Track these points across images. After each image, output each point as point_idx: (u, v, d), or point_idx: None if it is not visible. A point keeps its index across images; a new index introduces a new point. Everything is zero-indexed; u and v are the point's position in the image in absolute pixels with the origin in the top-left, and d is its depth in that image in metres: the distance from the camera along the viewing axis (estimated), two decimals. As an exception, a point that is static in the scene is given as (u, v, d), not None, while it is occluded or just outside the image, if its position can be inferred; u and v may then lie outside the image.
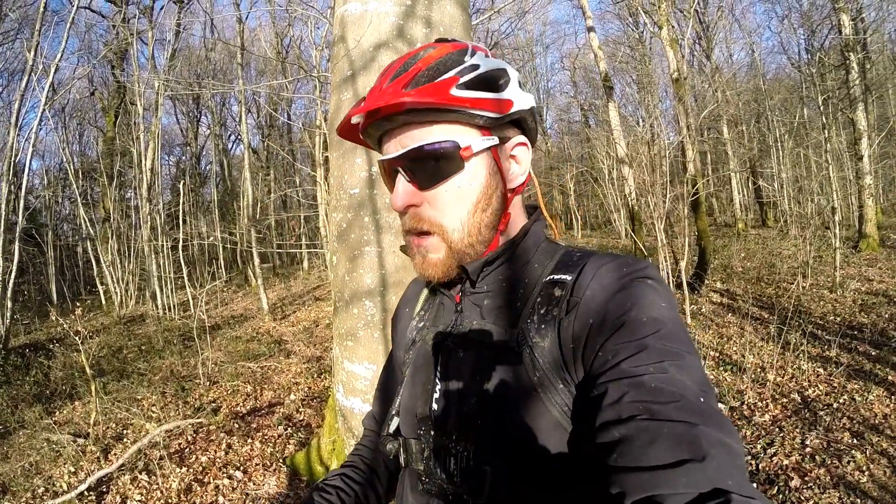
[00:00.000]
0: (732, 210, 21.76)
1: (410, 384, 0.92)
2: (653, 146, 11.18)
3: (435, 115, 0.78)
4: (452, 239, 0.82)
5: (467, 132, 0.80)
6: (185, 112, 27.28)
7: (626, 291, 0.71)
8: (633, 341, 0.65)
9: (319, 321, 12.20)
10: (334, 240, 3.29)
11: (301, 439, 5.56)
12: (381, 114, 0.78)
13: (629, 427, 0.58)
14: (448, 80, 0.77)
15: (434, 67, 0.78)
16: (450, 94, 0.76)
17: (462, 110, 0.77)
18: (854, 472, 4.07)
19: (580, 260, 0.80)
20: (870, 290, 8.97)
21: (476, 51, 0.83)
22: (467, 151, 0.79)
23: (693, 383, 0.61)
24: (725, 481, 0.51)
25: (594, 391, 0.65)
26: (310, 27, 12.65)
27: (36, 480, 5.11)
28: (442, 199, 0.81)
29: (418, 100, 0.75)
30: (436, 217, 0.81)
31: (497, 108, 0.80)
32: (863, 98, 13.17)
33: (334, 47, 3.33)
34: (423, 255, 0.84)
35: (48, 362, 9.47)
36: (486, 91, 0.79)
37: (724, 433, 0.57)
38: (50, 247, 20.22)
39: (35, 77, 12.64)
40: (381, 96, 0.76)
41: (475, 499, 0.75)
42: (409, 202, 0.81)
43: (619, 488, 0.56)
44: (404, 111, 0.77)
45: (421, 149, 0.78)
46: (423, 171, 0.80)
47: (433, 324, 0.94)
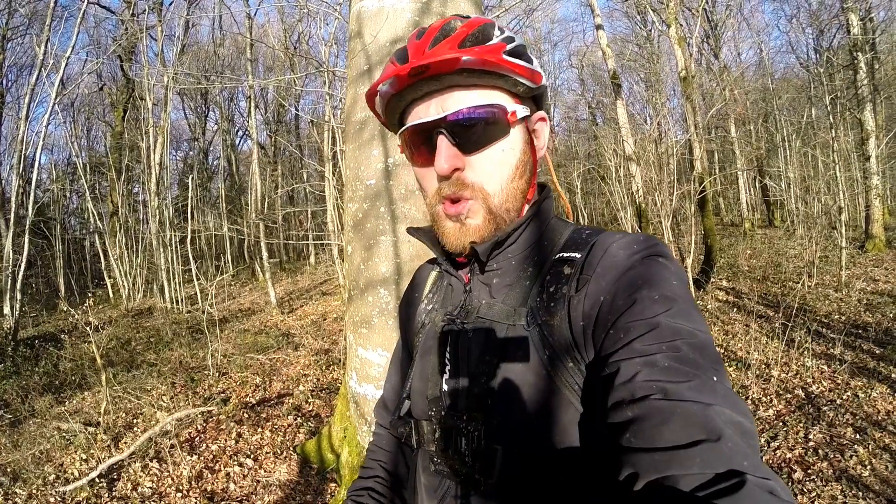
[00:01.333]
0: (739, 209, 21.72)
1: (420, 366, 0.92)
2: (660, 144, 11.22)
3: (481, 78, 0.77)
4: (493, 203, 0.80)
5: (507, 99, 0.80)
6: (193, 107, 27.40)
7: (638, 269, 0.70)
8: (646, 319, 0.64)
9: (327, 315, 12.27)
10: (350, 230, 3.35)
11: (311, 428, 5.63)
12: (429, 72, 0.75)
13: (642, 407, 0.58)
14: (498, 44, 0.77)
15: (479, 32, 0.78)
16: (503, 57, 0.76)
17: (510, 75, 0.77)
18: (856, 467, 4.11)
19: (590, 237, 0.80)
20: (875, 290, 8.98)
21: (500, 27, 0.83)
22: (513, 117, 0.79)
23: (706, 362, 0.61)
24: (741, 462, 0.51)
25: (606, 370, 0.65)
26: (319, 22, 12.69)
27: (47, 468, 5.18)
28: (486, 162, 0.80)
29: (477, 57, 0.74)
30: (479, 181, 0.80)
31: (535, 79, 0.81)
32: (871, 98, 13.14)
33: (350, 42, 3.39)
34: (462, 220, 0.81)
35: (58, 353, 9.57)
36: (526, 61, 0.80)
37: (738, 413, 0.56)
38: (58, 240, 20.32)
39: (45, 72, 12.74)
40: (432, 54, 0.75)
41: (486, 478, 0.75)
42: (455, 165, 0.79)
43: (632, 468, 0.56)
44: (456, 70, 0.75)
45: (471, 110, 0.77)
46: (469, 135, 0.78)
47: (442, 306, 0.94)
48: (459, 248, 0.83)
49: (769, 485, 0.49)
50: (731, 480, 0.49)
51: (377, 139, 3.15)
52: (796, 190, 15.38)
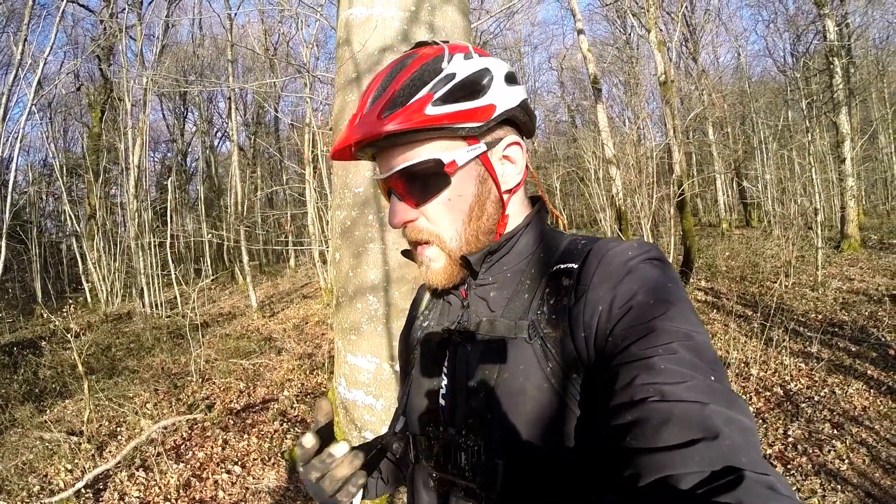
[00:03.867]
0: (717, 210, 22.02)
1: (417, 382, 0.92)
2: (640, 147, 11.34)
3: (416, 136, 0.78)
4: (451, 248, 0.82)
5: (452, 146, 0.80)
6: (172, 109, 27.05)
7: (633, 275, 0.71)
8: (642, 324, 0.65)
9: (309, 318, 12.22)
10: (338, 237, 3.37)
11: (297, 434, 5.62)
12: (363, 143, 0.79)
13: (641, 409, 0.58)
14: (422, 99, 0.76)
15: (408, 86, 0.77)
16: (425, 114, 0.75)
17: (442, 127, 0.76)
18: (835, 461, 4.23)
19: (585, 247, 0.79)
20: (851, 289, 9.16)
21: (454, 53, 0.81)
22: (452, 167, 0.78)
23: (703, 362, 0.61)
24: (739, 458, 0.52)
25: (605, 375, 0.66)
26: (299, 24, 12.64)
27: (31, 479, 5.09)
28: (435, 212, 0.81)
29: (395, 128, 0.75)
30: (433, 229, 0.82)
31: (479, 117, 0.78)
32: (846, 102, 13.40)
33: (339, 49, 3.41)
34: (427, 265, 0.85)
35: (37, 360, 9.42)
36: (466, 100, 0.78)
37: (736, 410, 0.57)
38: (34, 244, 19.93)
39: (23, 72, 12.54)
40: (361, 126, 0.78)
41: (488, 493, 0.75)
42: (405, 219, 0.82)
43: (633, 470, 0.57)
44: (384, 138, 0.77)
45: (406, 170, 0.79)
46: (413, 189, 0.80)
47: (438, 322, 0.94)
48: (432, 287, 0.87)
49: (768, 480, 0.50)
50: (730, 477, 0.50)
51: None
52: (773, 191, 15.65)
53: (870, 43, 19.74)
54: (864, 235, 13.86)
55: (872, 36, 19.87)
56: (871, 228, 16.01)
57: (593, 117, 14.35)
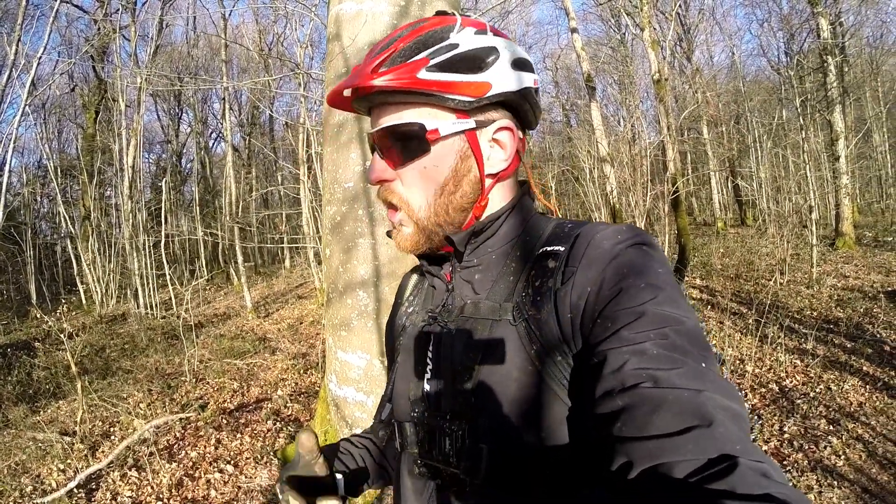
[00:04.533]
0: (712, 209, 22.05)
1: (402, 368, 0.90)
2: (634, 146, 11.35)
3: (405, 97, 0.77)
4: (419, 217, 0.82)
5: (439, 115, 0.78)
6: (167, 109, 26.98)
7: (623, 258, 0.69)
8: (633, 308, 0.63)
9: (303, 318, 12.20)
10: (328, 232, 3.35)
11: (290, 433, 5.59)
12: (357, 94, 0.79)
13: (632, 395, 0.57)
14: (418, 61, 0.75)
15: (411, 47, 0.77)
16: (416, 77, 0.75)
17: (430, 93, 0.76)
18: (831, 457, 4.23)
19: (573, 230, 0.77)
20: (845, 286, 9.18)
21: (466, 26, 0.80)
22: (434, 135, 0.77)
23: (694, 348, 0.60)
24: (733, 446, 0.51)
25: (594, 359, 0.64)
26: (294, 24, 12.63)
27: (24, 479, 5.08)
28: (409, 178, 0.81)
29: (385, 84, 0.75)
30: (404, 194, 0.82)
31: (471, 92, 0.77)
32: (840, 100, 13.44)
33: (329, 45, 3.39)
34: (398, 228, 0.85)
35: (31, 361, 9.38)
36: (462, 72, 0.76)
37: (729, 398, 0.56)
38: (29, 245, 19.87)
39: (16, 72, 12.49)
40: (354, 77, 0.78)
41: (473, 478, 0.73)
42: (381, 177, 0.83)
43: (625, 458, 0.55)
44: (375, 93, 0.78)
45: (389, 129, 0.79)
46: (393, 150, 0.80)
47: (423, 307, 0.93)
48: (402, 251, 0.87)
49: (762, 467, 0.49)
50: (725, 464, 0.49)
51: (355, 141, 3.15)
52: (768, 189, 15.69)
53: (863, 41, 19.80)
54: (859, 233, 13.90)
55: (866, 34, 19.97)
56: (866, 226, 16.07)
57: (588, 116, 14.34)
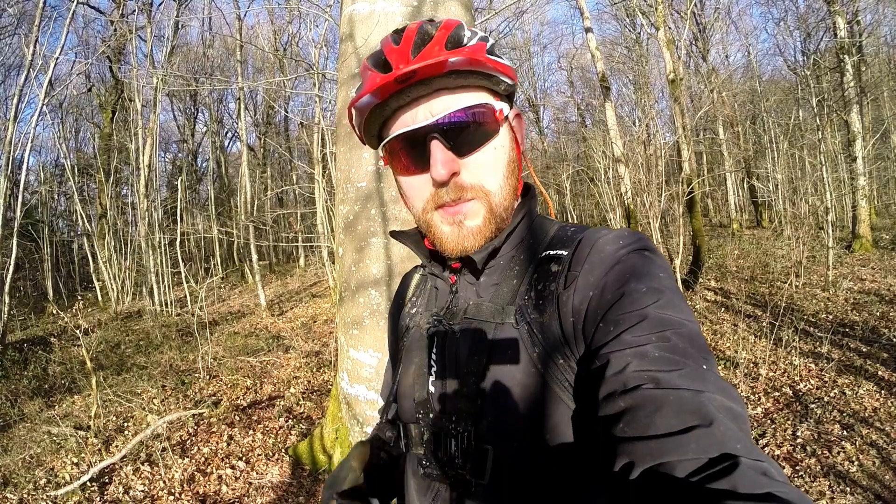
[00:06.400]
0: (727, 210, 21.89)
1: (406, 369, 0.91)
2: (649, 146, 11.28)
3: (468, 79, 0.75)
4: (494, 201, 0.79)
5: (492, 98, 0.79)
6: (183, 109, 27.23)
7: (625, 263, 0.70)
8: (635, 311, 0.64)
9: (317, 317, 12.25)
10: (341, 231, 3.37)
11: (302, 430, 5.62)
12: (416, 77, 0.72)
13: (635, 397, 0.58)
14: (479, 44, 0.76)
15: (455, 35, 0.76)
16: (487, 56, 0.75)
17: (495, 74, 0.77)
18: (844, 463, 4.17)
19: (575, 234, 0.79)
20: (862, 290, 9.07)
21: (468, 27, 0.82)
22: (500, 115, 0.78)
23: (695, 351, 0.61)
24: (734, 445, 0.51)
25: (597, 362, 0.65)
26: (309, 24, 12.69)
27: (38, 472, 5.16)
28: (481, 163, 0.78)
29: (466, 57, 0.72)
30: (477, 181, 0.78)
31: (512, 76, 0.80)
32: (857, 100, 13.28)
33: (342, 45, 3.41)
34: (460, 223, 0.78)
35: (47, 356, 9.51)
36: (502, 58, 0.79)
37: (729, 398, 0.57)
38: (46, 243, 20.12)
39: (34, 73, 12.65)
40: (419, 58, 0.72)
41: (478, 479, 0.75)
42: (453, 170, 0.75)
43: (628, 458, 0.56)
44: (444, 73, 0.73)
45: (462, 112, 0.75)
46: (462, 137, 0.76)
47: (427, 308, 0.93)
48: (459, 251, 0.80)
49: (762, 466, 0.49)
50: (726, 463, 0.49)
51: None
52: (784, 191, 15.53)
53: (881, 40, 19.58)
54: (876, 235, 13.70)
55: (884, 33, 19.76)
56: (883, 228, 15.83)
57: (603, 117, 14.30)
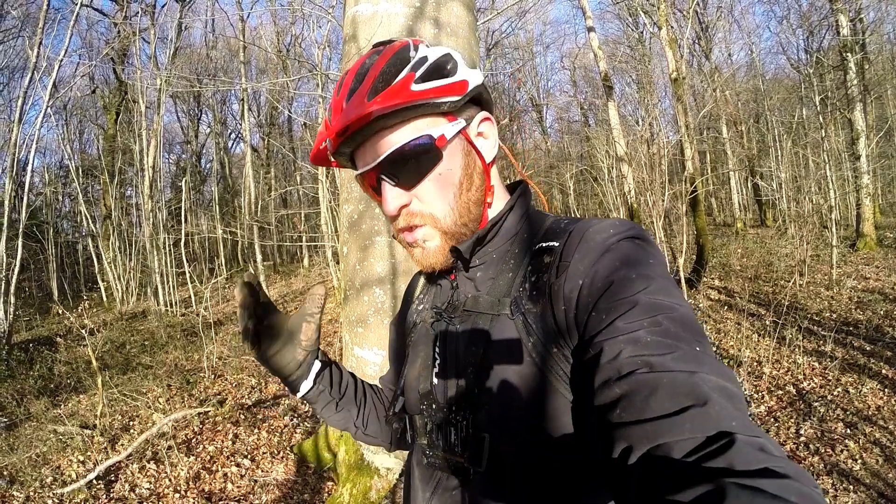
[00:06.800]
0: (731, 209, 21.85)
1: (413, 363, 0.95)
2: (652, 145, 11.27)
3: (402, 115, 0.78)
4: (446, 224, 0.83)
5: (436, 122, 0.81)
6: (186, 110, 27.31)
7: (614, 251, 0.72)
8: (625, 298, 0.66)
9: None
10: (345, 230, 3.39)
11: (307, 429, 5.65)
12: (350, 130, 0.78)
13: (629, 382, 0.58)
14: (405, 78, 0.78)
15: (386, 72, 0.79)
16: (411, 90, 0.77)
17: (427, 102, 0.78)
18: (847, 461, 4.18)
19: (568, 225, 0.81)
20: (866, 288, 9.06)
21: (417, 44, 0.84)
22: (442, 141, 0.80)
23: (688, 333, 0.62)
24: (729, 423, 0.51)
25: (591, 351, 0.66)
26: (311, 25, 12.72)
27: (44, 470, 5.19)
28: (429, 191, 0.82)
29: (384, 105, 0.75)
30: (426, 209, 0.83)
31: (457, 91, 0.81)
32: (861, 98, 13.23)
33: (345, 46, 3.43)
34: (421, 245, 0.85)
35: (52, 356, 9.56)
36: (442, 78, 0.80)
37: (723, 378, 0.57)
38: (51, 244, 20.23)
39: (38, 75, 12.71)
40: (346, 114, 0.77)
41: (475, 466, 0.77)
42: (401, 203, 0.82)
43: (625, 443, 0.56)
44: (373, 120, 0.77)
45: (399, 150, 0.78)
46: (405, 172, 0.80)
47: (431, 305, 0.96)
48: (428, 268, 0.87)
49: (759, 442, 0.49)
50: (722, 441, 0.49)
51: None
52: (787, 189, 15.50)
53: (884, 38, 19.49)
54: (880, 234, 13.65)
55: (887, 31, 19.67)
56: (888, 227, 15.80)
57: (606, 116, 14.29)
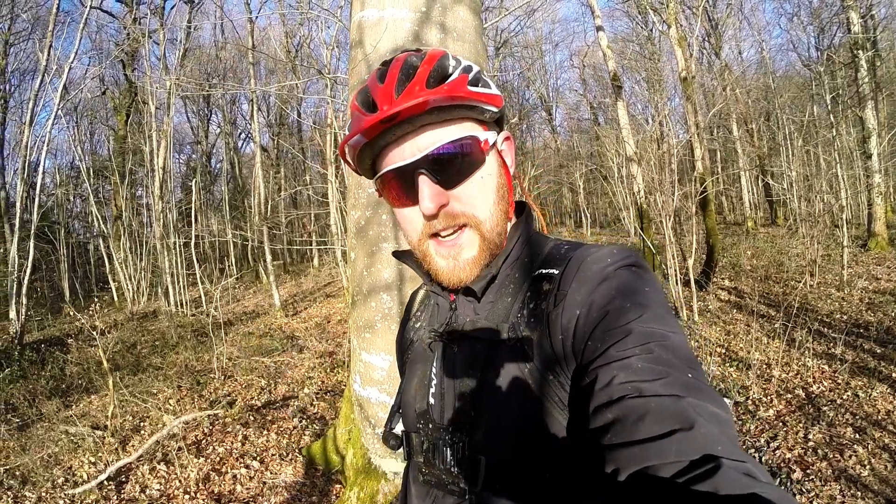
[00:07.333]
0: (742, 208, 21.74)
1: (410, 381, 0.96)
2: (661, 144, 11.24)
3: (451, 113, 0.78)
4: (486, 229, 0.82)
5: (477, 128, 0.82)
6: (196, 111, 27.45)
7: (611, 281, 0.72)
8: (619, 328, 0.67)
9: (331, 317, 12.33)
10: (353, 236, 3.41)
11: (316, 431, 5.68)
12: (400, 117, 0.75)
13: (620, 407, 0.59)
14: (461, 77, 0.78)
15: (438, 67, 0.78)
16: (468, 89, 0.77)
17: (478, 105, 0.79)
18: (855, 466, 4.15)
19: (568, 252, 0.82)
20: (877, 289, 8.99)
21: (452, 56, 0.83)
22: (486, 145, 0.81)
23: (679, 360, 0.63)
24: (715, 447, 0.52)
25: (586, 378, 0.67)
26: (320, 27, 12.75)
27: (56, 471, 5.25)
28: (471, 192, 0.81)
29: (443, 96, 0.75)
30: (467, 210, 0.81)
31: (497, 103, 0.82)
32: (872, 96, 13.12)
33: (352, 50, 3.45)
34: (455, 255, 0.82)
35: (64, 356, 9.64)
36: (486, 87, 0.81)
37: (712, 403, 0.58)
38: (62, 244, 20.40)
39: (48, 77, 12.82)
40: (402, 99, 0.75)
41: (471, 487, 0.79)
42: (440, 202, 0.79)
43: (614, 465, 0.58)
44: (426, 111, 0.75)
45: (446, 147, 0.77)
46: (448, 169, 0.79)
47: (429, 324, 0.97)
48: (455, 283, 0.84)
49: (745, 467, 0.50)
50: (708, 465, 0.50)
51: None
52: (799, 188, 15.39)
53: None
54: (892, 233, 13.51)
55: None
56: (900, 226, 15.66)
57: (615, 115, 14.25)
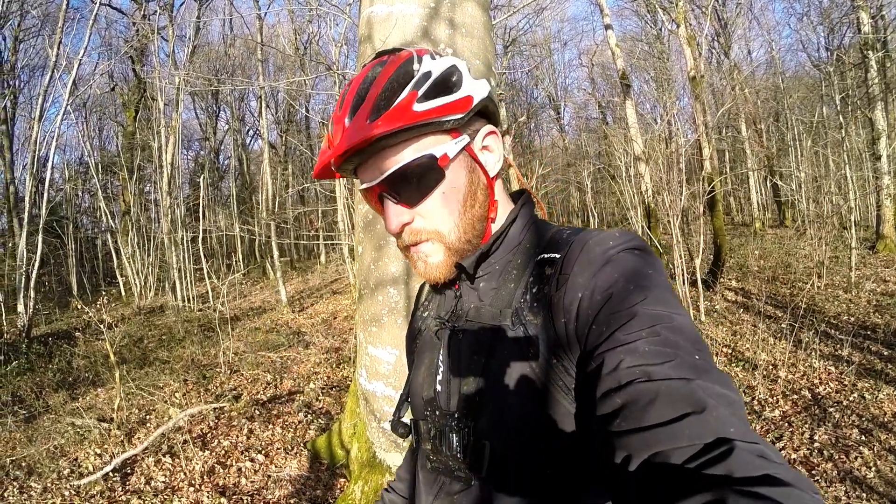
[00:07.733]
0: (750, 209, 21.64)
1: (417, 369, 0.97)
2: (670, 144, 11.21)
3: (405, 135, 0.78)
4: (450, 241, 0.83)
5: (439, 140, 0.81)
6: (205, 107, 27.57)
7: (613, 263, 0.72)
8: (624, 310, 0.66)
9: (337, 313, 12.36)
10: (360, 230, 3.42)
11: (321, 425, 5.71)
12: (351, 152, 0.78)
13: (629, 392, 0.59)
14: (408, 97, 0.77)
15: (388, 89, 0.78)
16: (413, 111, 0.76)
17: (430, 122, 0.78)
18: (861, 468, 4.14)
19: (570, 237, 0.81)
20: (885, 291, 8.93)
21: (421, 55, 0.83)
22: (444, 160, 0.80)
23: (686, 342, 0.62)
24: (728, 429, 0.51)
25: (592, 363, 0.66)
26: (329, 23, 12.76)
27: (61, 462, 5.30)
28: (432, 209, 0.82)
29: (386, 128, 0.75)
30: (430, 226, 0.83)
31: (460, 108, 0.80)
32: (882, 97, 13.03)
33: (361, 46, 3.45)
34: (424, 260, 0.85)
35: (71, 350, 9.71)
36: (445, 95, 0.80)
37: (722, 385, 0.58)
38: (70, 239, 20.53)
39: (58, 73, 12.91)
40: (349, 136, 0.77)
41: (476, 472, 0.79)
42: (403, 222, 0.82)
43: (625, 451, 0.56)
44: (374, 142, 0.76)
45: (401, 171, 0.79)
46: (407, 190, 0.80)
47: (436, 312, 0.98)
48: (432, 282, 0.88)
49: (759, 449, 0.49)
50: (721, 448, 0.49)
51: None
52: (807, 190, 15.32)
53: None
54: (901, 236, 13.46)
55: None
56: (909, 229, 15.54)
57: (624, 114, 14.22)
